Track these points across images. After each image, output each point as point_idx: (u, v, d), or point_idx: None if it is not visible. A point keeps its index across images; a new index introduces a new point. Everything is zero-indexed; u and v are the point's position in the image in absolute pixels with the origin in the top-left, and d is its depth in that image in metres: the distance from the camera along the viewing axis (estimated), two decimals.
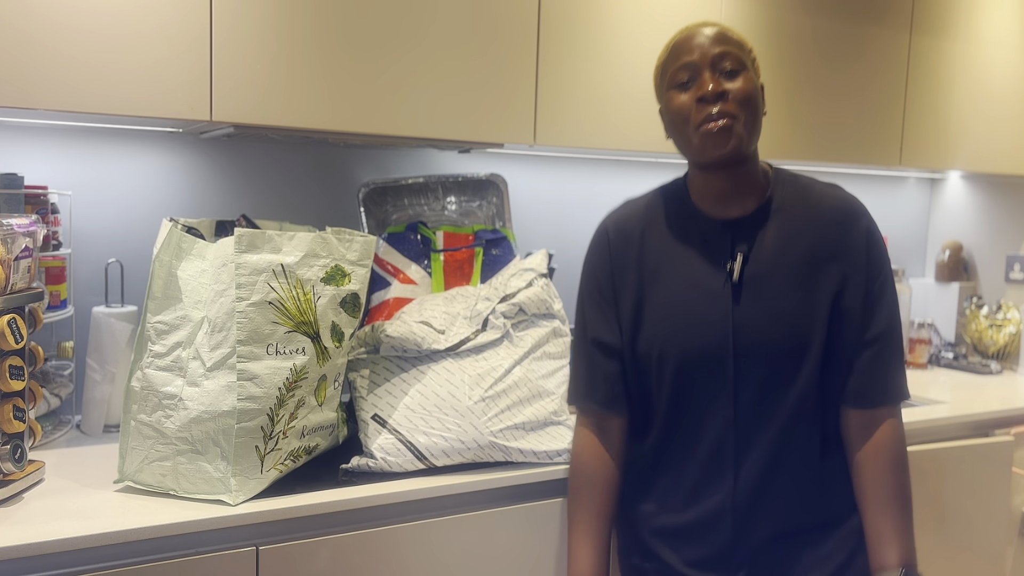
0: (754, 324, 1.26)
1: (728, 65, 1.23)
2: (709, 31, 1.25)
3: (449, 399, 1.51)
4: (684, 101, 1.25)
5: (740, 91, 1.22)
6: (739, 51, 1.24)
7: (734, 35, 1.26)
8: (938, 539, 2.01)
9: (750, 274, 1.28)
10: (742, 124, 1.23)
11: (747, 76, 1.24)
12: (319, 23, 1.59)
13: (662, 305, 1.32)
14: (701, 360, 1.28)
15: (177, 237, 1.40)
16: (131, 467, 1.36)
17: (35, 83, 1.38)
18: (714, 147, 1.23)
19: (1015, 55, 2.59)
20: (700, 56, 1.23)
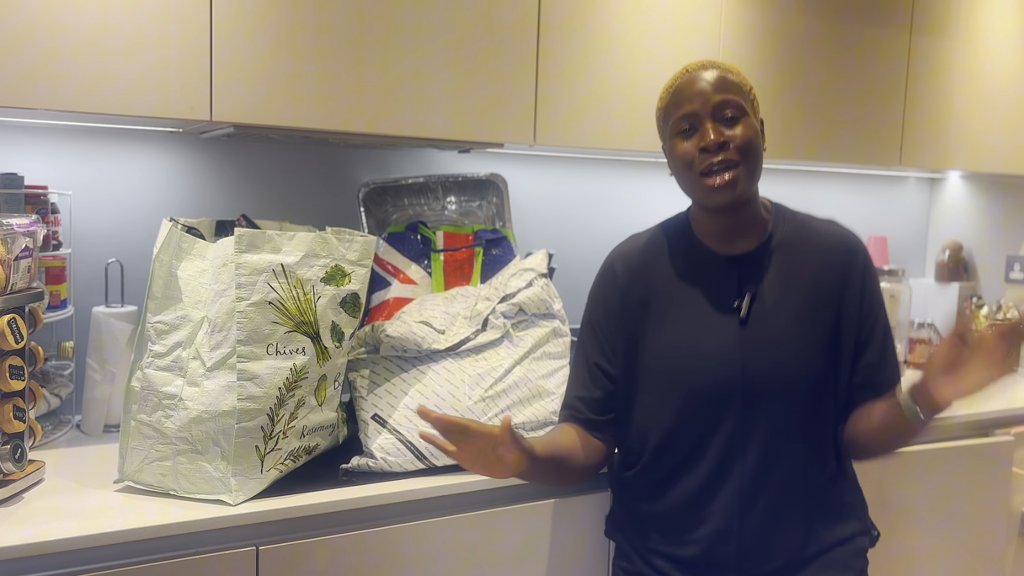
0: (763, 359, 1.29)
1: (729, 113, 1.25)
2: (710, 76, 1.27)
3: (449, 399, 1.51)
4: (687, 149, 1.27)
5: (742, 139, 1.25)
6: (739, 96, 1.26)
7: (734, 78, 1.28)
8: (938, 539, 2.01)
9: (756, 311, 1.31)
10: (743, 172, 1.26)
11: (747, 123, 1.26)
12: (319, 23, 1.59)
13: (671, 339, 1.34)
14: (710, 394, 1.30)
15: (177, 237, 1.40)
16: (131, 467, 1.36)
17: (35, 83, 1.38)
18: (719, 197, 1.26)
19: (1015, 55, 2.59)
20: (701, 105, 1.26)
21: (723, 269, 1.34)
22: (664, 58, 1.97)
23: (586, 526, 1.57)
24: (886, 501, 1.92)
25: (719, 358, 1.30)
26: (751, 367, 1.28)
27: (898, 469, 1.93)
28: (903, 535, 1.96)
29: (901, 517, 1.95)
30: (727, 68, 1.29)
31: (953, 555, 2.04)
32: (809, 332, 1.30)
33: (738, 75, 1.29)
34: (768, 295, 1.31)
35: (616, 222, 2.37)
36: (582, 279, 2.31)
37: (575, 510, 1.56)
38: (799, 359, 1.29)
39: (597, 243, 2.33)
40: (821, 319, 1.31)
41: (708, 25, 2.02)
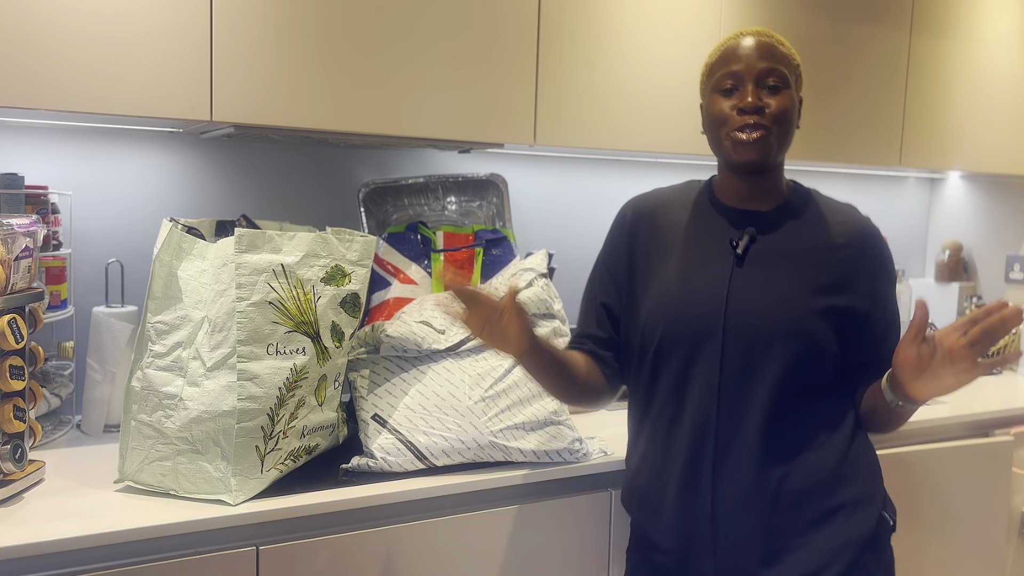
0: (747, 298, 1.29)
1: (772, 81, 1.29)
2: (761, 42, 1.30)
3: (449, 399, 1.51)
4: (724, 107, 1.30)
5: (778, 108, 1.28)
6: (785, 68, 1.30)
7: (783, 49, 1.31)
8: (938, 539, 2.01)
9: (755, 254, 1.32)
10: (774, 137, 1.29)
11: (787, 94, 1.30)
12: (319, 23, 1.59)
13: (667, 276, 1.36)
14: (691, 326, 1.31)
15: (177, 237, 1.40)
16: (131, 467, 1.36)
17: (36, 83, 1.38)
18: (744, 153, 1.29)
19: (1015, 55, 2.59)
20: (747, 67, 1.29)
21: (733, 218, 1.36)
22: (664, 58, 1.97)
23: (585, 526, 1.57)
24: None
25: (707, 294, 1.31)
26: (734, 305, 1.29)
27: (898, 469, 1.93)
28: (903, 535, 1.96)
29: (901, 517, 1.95)
30: (780, 40, 1.32)
31: (953, 555, 2.05)
32: (806, 289, 1.29)
33: (789, 49, 1.33)
34: (771, 243, 1.33)
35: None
36: (582, 279, 2.32)
37: (575, 510, 1.56)
38: (786, 307, 1.28)
39: (597, 243, 2.32)
40: (825, 284, 1.30)
41: (708, 25, 2.02)
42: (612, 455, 1.59)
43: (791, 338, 1.27)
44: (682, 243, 1.37)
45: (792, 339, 1.27)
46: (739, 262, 1.32)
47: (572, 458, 1.56)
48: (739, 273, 1.31)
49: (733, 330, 1.29)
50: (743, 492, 1.28)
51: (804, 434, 1.30)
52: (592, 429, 1.74)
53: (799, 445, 1.30)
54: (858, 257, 1.33)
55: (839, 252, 1.32)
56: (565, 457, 1.55)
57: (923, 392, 1.18)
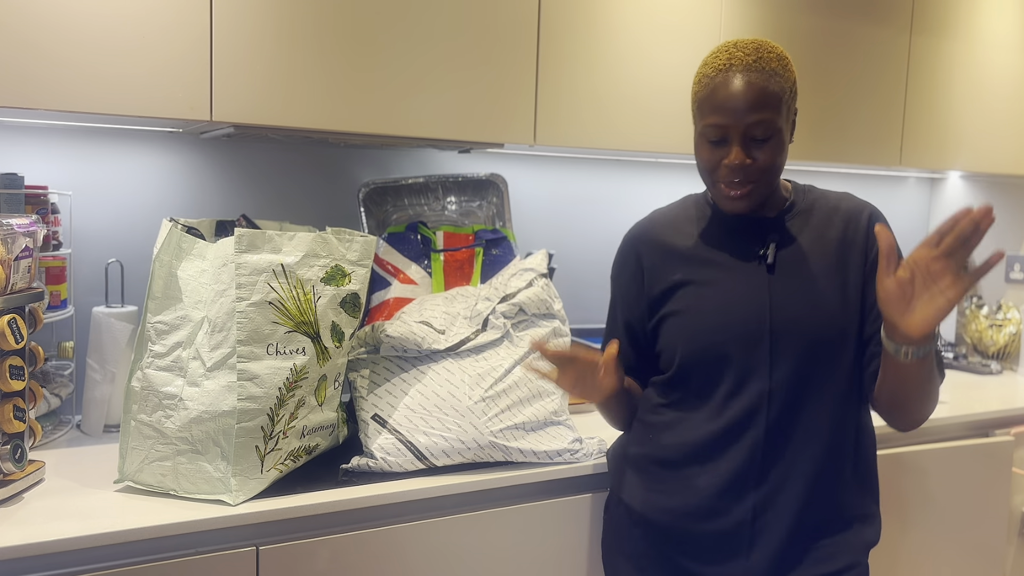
0: (790, 303, 1.29)
1: (760, 132, 1.24)
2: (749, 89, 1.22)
3: (449, 399, 1.51)
4: (711, 158, 1.28)
5: (765, 162, 1.25)
6: (773, 112, 1.23)
7: (774, 87, 1.23)
8: (938, 539, 2.01)
9: (783, 260, 1.32)
10: (762, 186, 1.28)
11: (775, 143, 1.25)
12: (319, 23, 1.59)
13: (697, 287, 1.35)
14: (738, 336, 1.30)
15: (177, 237, 1.40)
16: (131, 467, 1.36)
17: (36, 83, 1.38)
18: (732, 206, 1.29)
19: (1015, 56, 2.59)
20: (733, 123, 1.23)
21: (747, 228, 1.35)
22: (664, 58, 1.97)
23: (585, 526, 1.57)
24: (886, 501, 1.92)
25: (748, 301, 1.30)
26: (779, 310, 1.29)
27: (898, 469, 1.93)
28: (903, 535, 1.96)
29: (901, 517, 1.95)
30: (771, 70, 1.24)
31: (953, 555, 2.05)
32: (838, 285, 1.30)
33: (782, 77, 1.25)
34: (794, 248, 1.33)
35: (616, 222, 2.36)
36: (582, 279, 2.33)
37: (575, 510, 1.56)
38: (826, 306, 1.29)
39: (597, 243, 2.34)
40: (849, 276, 1.30)
41: (708, 25, 2.02)
42: None
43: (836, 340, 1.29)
44: (704, 256, 1.36)
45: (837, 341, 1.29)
46: (770, 270, 1.32)
47: (572, 458, 1.55)
48: (773, 280, 1.31)
49: (780, 338, 1.28)
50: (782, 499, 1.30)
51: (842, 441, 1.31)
52: (592, 429, 1.74)
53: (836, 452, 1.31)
54: (868, 239, 1.32)
55: (851, 240, 1.32)
56: (565, 457, 1.55)
57: (916, 324, 1.11)
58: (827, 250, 1.32)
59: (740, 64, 1.24)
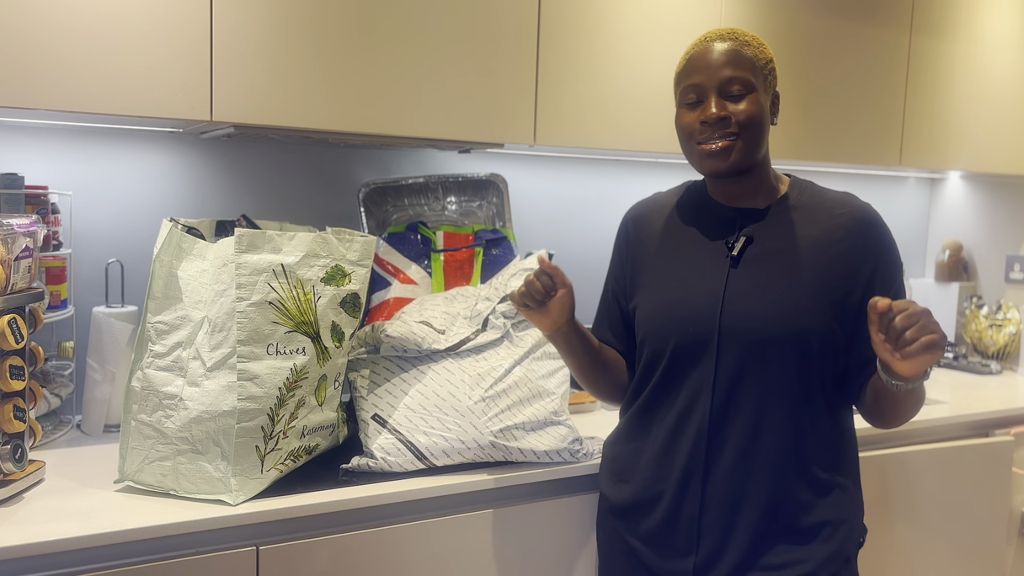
0: (744, 302, 1.28)
1: (736, 89, 1.26)
2: (723, 48, 1.28)
3: (449, 399, 1.51)
4: (690, 120, 1.30)
5: (743, 114, 1.26)
6: (748, 72, 1.27)
7: (748, 52, 1.28)
8: (938, 539, 2.01)
9: (751, 255, 1.31)
10: (742, 144, 1.27)
11: (753, 99, 1.27)
12: (319, 23, 1.59)
13: (662, 280, 1.37)
14: (687, 330, 1.30)
15: (177, 237, 1.40)
16: (131, 467, 1.36)
17: (36, 83, 1.38)
18: (712, 163, 1.29)
19: (1015, 56, 2.59)
20: (708, 79, 1.27)
21: (728, 218, 1.35)
22: (664, 58, 1.97)
23: (585, 526, 1.57)
24: (886, 501, 1.92)
25: (702, 296, 1.30)
26: (731, 306, 1.28)
27: (898, 469, 1.93)
28: (903, 535, 1.96)
29: (901, 517, 1.95)
30: (745, 40, 1.29)
31: (953, 555, 2.05)
32: (807, 287, 1.27)
33: (756, 48, 1.29)
34: (768, 242, 1.31)
35: (616, 222, 2.37)
36: (582, 279, 2.32)
37: (575, 510, 1.56)
38: (784, 308, 1.26)
39: (597, 243, 2.33)
40: (826, 279, 1.27)
41: (708, 25, 2.02)
42: None
43: (786, 341, 1.26)
44: (678, 245, 1.37)
45: (788, 342, 1.26)
46: (735, 263, 1.31)
47: (572, 458, 1.56)
48: (734, 275, 1.30)
49: (728, 334, 1.28)
50: (730, 497, 1.28)
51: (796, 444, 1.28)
52: (592, 429, 1.74)
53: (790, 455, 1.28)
54: (858, 247, 1.29)
55: (838, 244, 1.29)
56: (565, 457, 1.55)
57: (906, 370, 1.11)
58: (808, 247, 1.29)
59: (714, 36, 1.31)
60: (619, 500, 1.41)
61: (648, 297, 1.38)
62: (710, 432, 1.29)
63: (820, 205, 1.34)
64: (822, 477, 1.29)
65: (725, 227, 1.35)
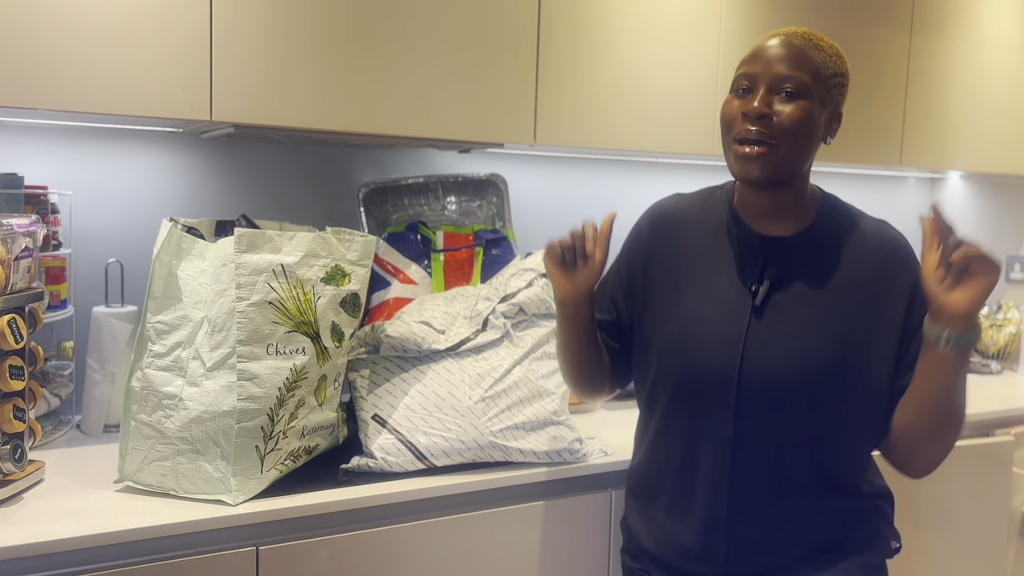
0: (767, 352, 1.22)
1: (788, 88, 1.18)
2: (791, 44, 1.19)
3: (449, 399, 1.51)
4: (732, 109, 1.21)
5: (788, 117, 1.17)
6: (808, 75, 1.18)
7: (816, 56, 1.20)
8: (938, 539, 2.01)
9: (775, 300, 1.24)
10: (781, 151, 1.18)
11: (803, 105, 1.18)
12: (319, 23, 1.59)
13: (682, 313, 1.29)
14: (706, 378, 1.24)
15: (177, 237, 1.40)
16: (131, 467, 1.36)
17: (35, 83, 1.38)
18: (746, 170, 1.20)
19: (1015, 56, 2.59)
20: (763, 70, 1.19)
21: (752, 249, 1.27)
22: (664, 58, 1.97)
23: (585, 526, 1.57)
24: None
25: (721, 345, 1.23)
26: (751, 359, 1.22)
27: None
28: (903, 535, 1.96)
29: (901, 517, 1.95)
30: (819, 45, 1.20)
31: (953, 555, 2.05)
32: (833, 332, 1.21)
33: (828, 56, 1.21)
34: (793, 285, 1.24)
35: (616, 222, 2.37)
36: None
37: (575, 510, 1.56)
38: (810, 359, 1.21)
39: None
40: (853, 320, 1.21)
41: (708, 25, 2.02)
42: (612, 455, 1.59)
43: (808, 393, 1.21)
44: (701, 275, 1.29)
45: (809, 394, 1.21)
46: (757, 312, 1.23)
47: (572, 458, 1.56)
48: (755, 324, 1.23)
49: (747, 386, 1.22)
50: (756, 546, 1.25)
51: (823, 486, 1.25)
52: (592, 429, 1.74)
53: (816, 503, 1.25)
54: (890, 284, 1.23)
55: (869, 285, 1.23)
56: (565, 457, 1.55)
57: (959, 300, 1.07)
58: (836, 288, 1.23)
59: (790, 31, 1.22)
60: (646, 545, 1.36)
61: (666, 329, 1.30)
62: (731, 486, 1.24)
63: (853, 237, 1.26)
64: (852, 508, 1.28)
65: (750, 259, 1.26)
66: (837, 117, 1.26)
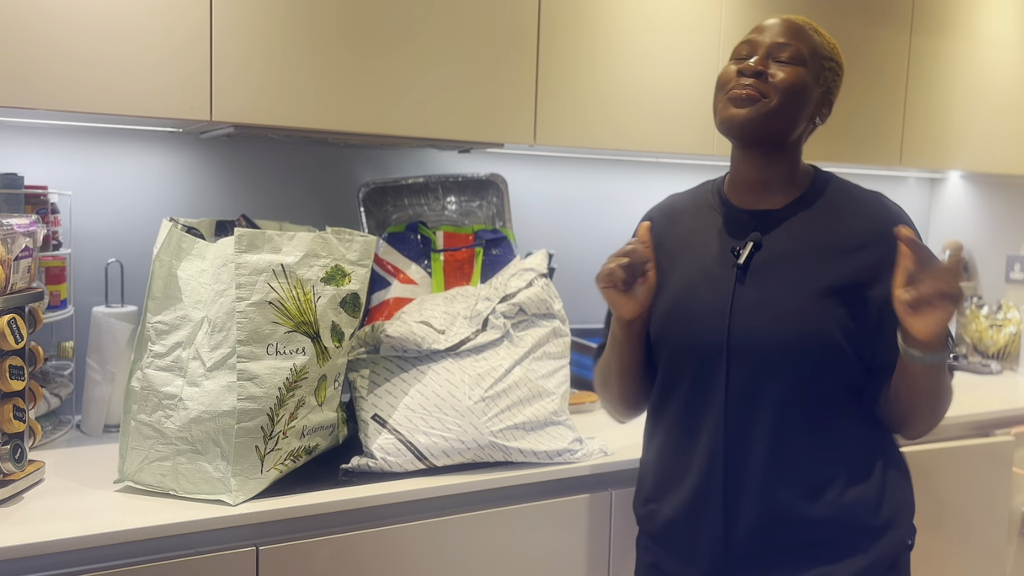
0: (753, 313, 1.23)
1: (786, 55, 1.23)
2: (791, 21, 1.27)
3: (449, 399, 1.51)
4: (730, 69, 1.26)
5: (784, 79, 1.22)
6: (805, 48, 1.24)
7: (816, 38, 1.26)
8: (938, 539, 2.01)
9: (761, 261, 1.25)
10: (772, 105, 1.21)
11: (798, 70, 1.23)
12: (319, 23, 1.59)
13: (672, 289, 1.31)
14: (697, 344, 1.26)
15: (177, 237, 1.40)
16: (131, 467, 1.36)
17: (35, 84, 1.38)
18: (731, 106, 1.22)
19: (1015, 55, 2.59)
20: (762, 38, 1.26)
21: (740, 223, 1.29)
22: (664, 58, 1.97)
23: (585, 526, 1.57)
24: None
25: (709, 312, 1.25)
26: (737, 324, 1.23)
27: None
28: None
29: None
30: (817, 30, 1.28)
31: (953, 555, 2.05)
32: (815, 295, 1.20)
33: (825, 40, 1.27)
34: (779, 248, 1.24)
35: (616, 222, 2.37)
36: (582, 279, 2.32)
37: (575, 510, 1.56)
38: (796, 318, 1.21)
39: (597, 243, 2.34)
40: (837, 286, 1.21)
41: (708, 25, 2.02)
42: (612, 455, 1.59)
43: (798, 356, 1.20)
44: (689, 252, 1.31)
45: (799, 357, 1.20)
46: (741, 275, 1.25)
47: (572, 458, 1.56)
48: (741, 289, 1.24)
49: (737, 351, 1.22)
50: (756, 518, 1.24)
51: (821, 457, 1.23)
52: (592, 429, 1.74)
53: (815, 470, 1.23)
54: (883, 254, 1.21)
55: (859, 251, 1.22)
56: (565, 457, 1.55)
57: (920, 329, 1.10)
58: (823, 251, 1.23)
59: (790, 15, 1.29)
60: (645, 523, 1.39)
61: (658, 308, 1.32)
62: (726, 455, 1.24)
63: (842, 202, 1.27)
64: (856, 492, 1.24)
65: (736, 231, 1.28)
66: (828, 103, 1.29)
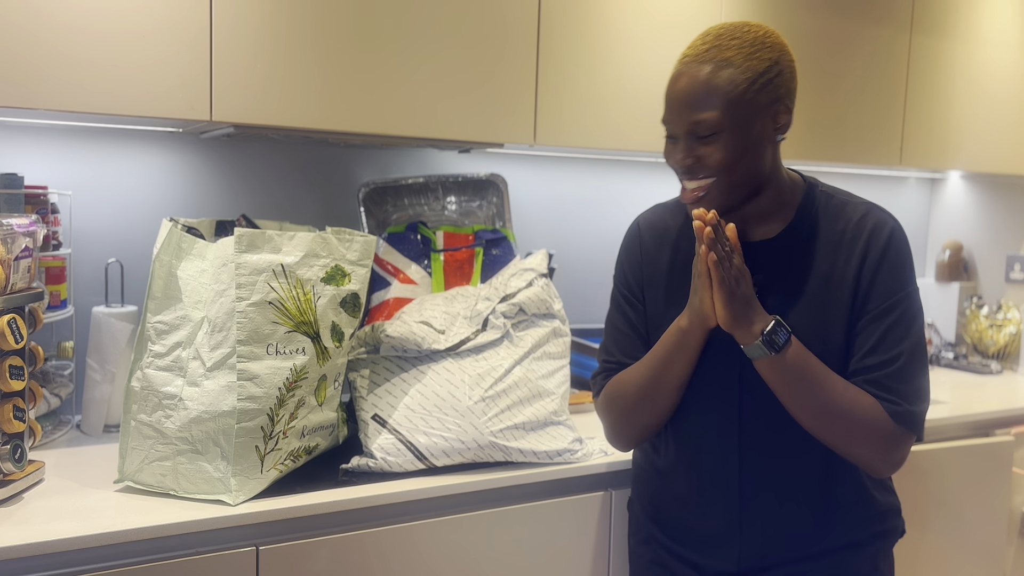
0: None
1: (704, 130, 1.19)
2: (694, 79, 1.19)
3: (449, 399, 1.51)
4: (668, 156, 1.26)
5: (712, 160, 1.19)
6: (718, 110, 1.17)
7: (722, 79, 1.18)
8: (938, 539, 2.01)
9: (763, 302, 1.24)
10: (719, 188, 1.21)
11: (723, 140, 1.19)
12: (319, 23, 1.59)
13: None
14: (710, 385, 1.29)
15: (177, 237, 1.40)
16: (131, 467, 1.36)
17: (36, 83, 1.38)
18: (689, 209, 1.24)
19: (1015, 55, 2.59)
20: (675, 119, 1.22)
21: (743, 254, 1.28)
22: (664, 58, 1.97)
23: (585, 526, 1.57)
24: None
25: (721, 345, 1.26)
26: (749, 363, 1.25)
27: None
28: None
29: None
30: (725, 59, 1.18)
31: (953, 555, 2.05)
32: (816, 329, 1.23)
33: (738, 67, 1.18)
34: (777, 287, 1.26)
35: (616, 222, 2.36)
36: (582, 279, 2.32)
37: (575, 510, 1.56)
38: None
39: (597, 243, 2.34)
40: (832, 314, 1.24)
41: (708, 24, 2.01)
42: (612, 455, 1.59)
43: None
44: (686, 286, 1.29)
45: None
46: None
47: (572, 458, 1.56)
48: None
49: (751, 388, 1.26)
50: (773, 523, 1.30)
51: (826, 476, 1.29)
52: (592, 429, 1.74)
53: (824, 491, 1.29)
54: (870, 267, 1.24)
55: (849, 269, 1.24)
56: (565, 457, 1.55)
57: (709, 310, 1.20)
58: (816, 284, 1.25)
59: (693, 55, 1.22)
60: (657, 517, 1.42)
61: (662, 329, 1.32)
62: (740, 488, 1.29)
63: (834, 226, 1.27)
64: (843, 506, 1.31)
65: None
66: (784, 110, 1.25)
